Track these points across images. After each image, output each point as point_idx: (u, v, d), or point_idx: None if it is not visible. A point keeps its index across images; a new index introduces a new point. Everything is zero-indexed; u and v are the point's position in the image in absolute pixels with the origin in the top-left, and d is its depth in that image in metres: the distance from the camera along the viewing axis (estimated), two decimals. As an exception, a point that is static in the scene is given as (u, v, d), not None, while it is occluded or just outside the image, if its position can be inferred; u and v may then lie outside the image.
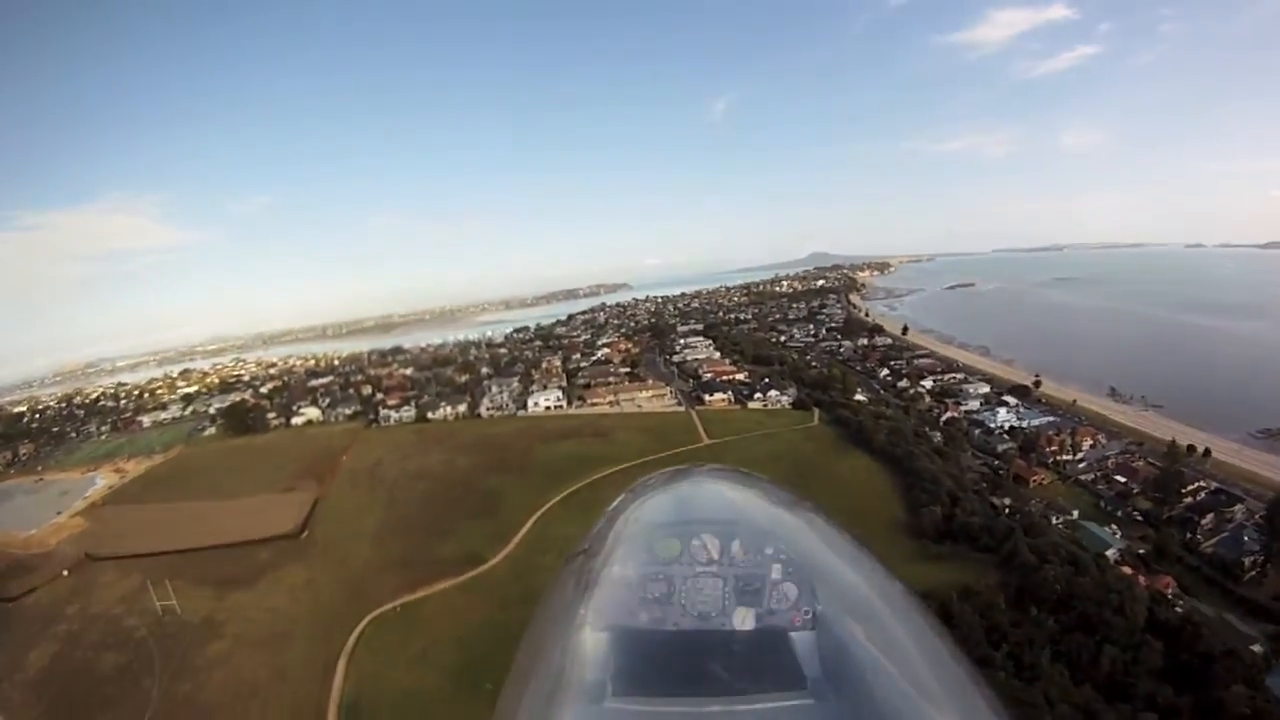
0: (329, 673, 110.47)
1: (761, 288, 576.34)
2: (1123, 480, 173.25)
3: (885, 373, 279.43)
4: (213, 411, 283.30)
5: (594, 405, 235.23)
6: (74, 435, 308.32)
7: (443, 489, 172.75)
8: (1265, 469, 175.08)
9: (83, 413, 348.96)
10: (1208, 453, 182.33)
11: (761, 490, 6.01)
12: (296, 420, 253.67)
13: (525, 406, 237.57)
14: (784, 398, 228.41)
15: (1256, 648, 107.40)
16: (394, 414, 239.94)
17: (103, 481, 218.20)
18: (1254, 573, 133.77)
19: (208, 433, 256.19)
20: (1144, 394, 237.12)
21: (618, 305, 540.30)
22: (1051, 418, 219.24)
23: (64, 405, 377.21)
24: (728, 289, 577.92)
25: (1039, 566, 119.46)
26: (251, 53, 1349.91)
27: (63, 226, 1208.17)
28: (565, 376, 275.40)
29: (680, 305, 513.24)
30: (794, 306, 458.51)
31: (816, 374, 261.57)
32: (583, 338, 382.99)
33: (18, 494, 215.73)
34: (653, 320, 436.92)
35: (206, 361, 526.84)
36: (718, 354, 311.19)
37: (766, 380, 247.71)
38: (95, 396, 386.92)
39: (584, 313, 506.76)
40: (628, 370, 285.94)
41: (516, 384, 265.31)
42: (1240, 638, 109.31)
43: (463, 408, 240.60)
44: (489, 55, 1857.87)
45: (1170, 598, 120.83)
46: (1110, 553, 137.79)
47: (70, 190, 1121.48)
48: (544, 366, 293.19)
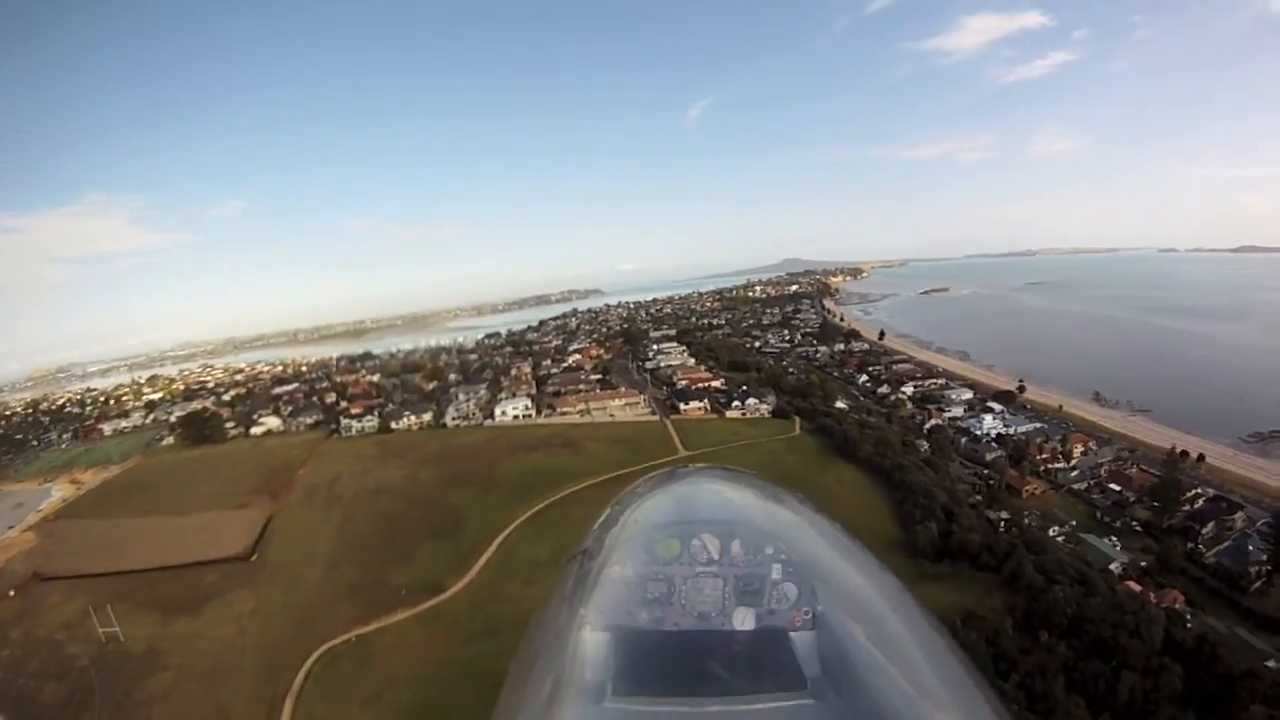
0: (275, 713, 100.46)
1: (735, 293, 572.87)
2: (1118, 489, 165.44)
3: (864, 379, 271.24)
4: (173, 420, 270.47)
5: (564, 414, 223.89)
6: (35, 444, 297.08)
7: (402, 506, 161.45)
8: (1260, 474, 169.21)
9: (48, 419, 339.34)
10: (1201, 458, 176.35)
11: (761, 490, 5.82)
12: (256, 430, 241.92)
13: (492, 415, 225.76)
14: (763, 406, 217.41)
15: (1271, 664, 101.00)
16: (356, 424, 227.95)
17: (58, 493, 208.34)
18: (1260, 584, 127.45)
19: (166, 442, 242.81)
20: (1129, 398, 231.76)
21: (590, 311, 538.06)
22: (1038, 424, 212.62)
23: (30, 411, 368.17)
24: (701, 294, 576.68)
25: (1047, 587, 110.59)
26: (230, 58, 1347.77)
27: (40, 229, 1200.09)
28: (535, 384, 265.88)
29: (653, 311, 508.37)
30: (768, 312, 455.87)
31: (795, 381, 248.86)
32: (554, 343, 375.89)
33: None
34: (625, 326, 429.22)
35: (176, 367, 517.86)
36: (692, 360, 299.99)
37: (745, 388, 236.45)
38: (62, 403, 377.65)
39: (556, 318, 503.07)
40: (599, 377, 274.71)
41: (484, 392, 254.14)
42: (1255, 654, 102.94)
43: (427, 417, 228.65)
44: (465, 62, 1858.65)
45: (1185, 615, 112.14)
46: (1113, 566, 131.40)
47: (48, 193, 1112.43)
48: (513, 373, 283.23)
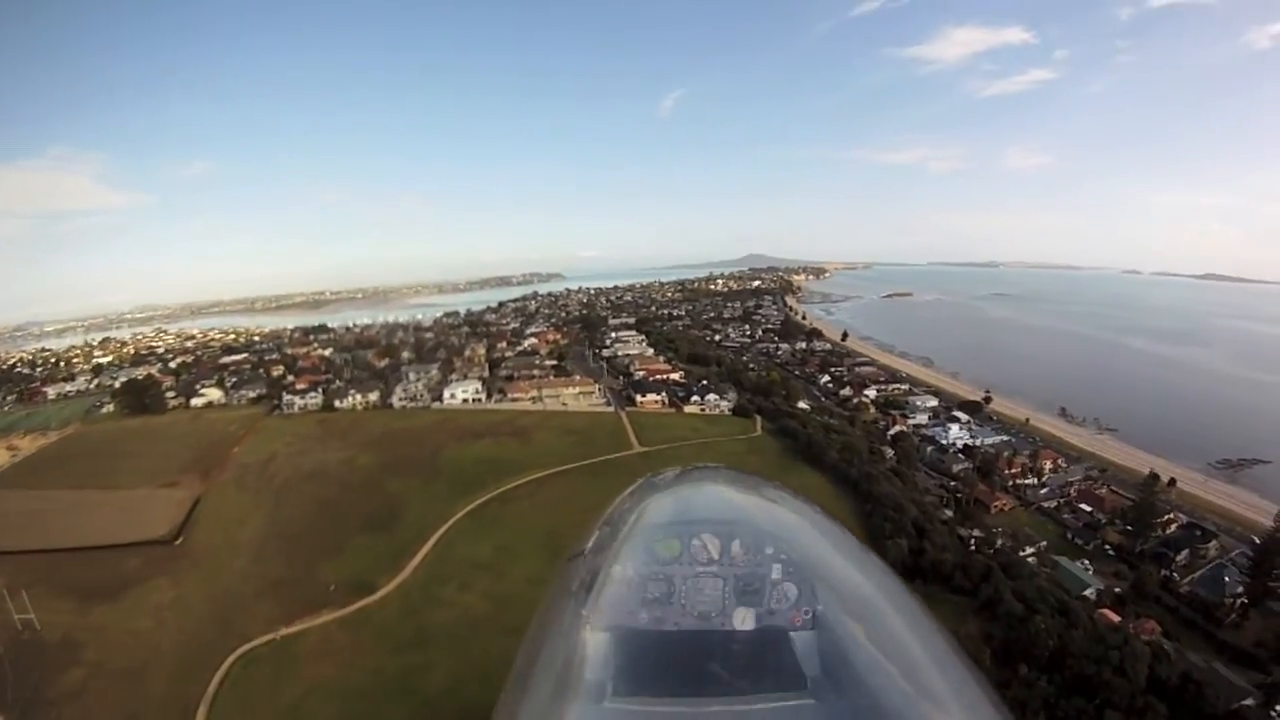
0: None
1: (696, 285, 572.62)
2: (1088, 509, 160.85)
3: (826, 379, 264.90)
4: (118, 386, 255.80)
5: (515, 400, 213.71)
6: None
7: (337, 493, 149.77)
8: (1231, 503, 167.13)
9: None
10: (1173, 483, 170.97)
11: (761, 490, 5.72)
12: (197, 401, 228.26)
13: (441, 398, 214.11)
14: (723, 403, 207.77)
15: (1250, 701, 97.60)
16: (299, 400, 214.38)
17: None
18: (1235, 616, 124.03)
19: (106, 410, 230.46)
20: (1096, 416, 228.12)
21: (550, 295, 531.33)
22: (1005, 436, 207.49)
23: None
24: (662, 284, 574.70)
25: (1027, 617, 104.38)
26: (205, 18, 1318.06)
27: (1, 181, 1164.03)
28: (488, 366, 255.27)
29: (613, 298, 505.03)
30: (729, 305, 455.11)
31: (756, 378, 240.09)
32: (511, 326, 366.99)
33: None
34: (584, 311, 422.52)
35: (131, 331, 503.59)
36: (651, 350, 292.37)
37: (704, 382, 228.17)
38: (13, 362, 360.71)
39: (516, 300, 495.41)
40: (554, 363, 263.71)
41: (435, 372, 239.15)
42: (1235, 691, 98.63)
43: (374, 396, 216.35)
44: (438, 40, 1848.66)
45: (1169, 651, 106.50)
46: (1088, 592, 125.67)
47: (10, 145, 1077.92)
48: (467, 355, 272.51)
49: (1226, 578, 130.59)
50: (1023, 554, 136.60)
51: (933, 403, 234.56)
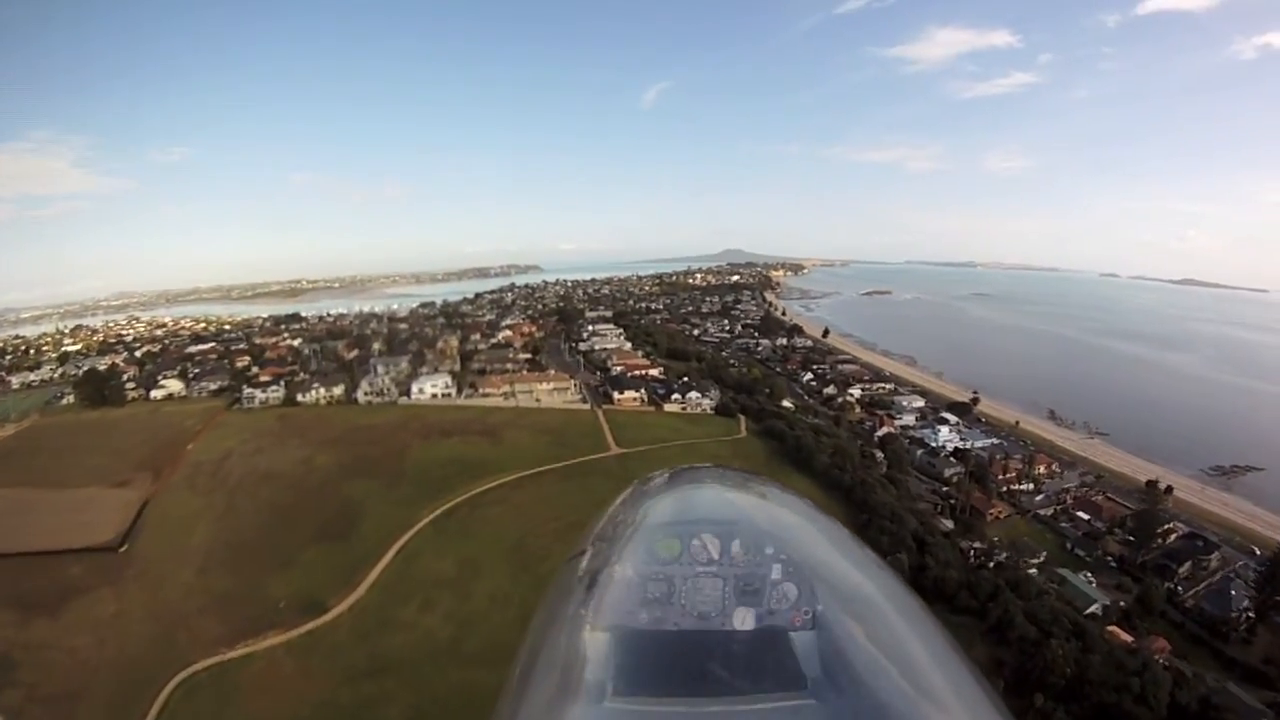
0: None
1: (674, 279, 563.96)
2: (1086, 518, 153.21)
3: (809, 377, 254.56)
4: (78, 376, 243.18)
5: (486, 395, 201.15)
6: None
7: (293, 497, 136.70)
8: (1228, 512, 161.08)
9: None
10: (1170, 491, 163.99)
11: (761, 490, 5.68)
12: (157, 393, 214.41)
13: (409, 393, 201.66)
14: (705, 401, 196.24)
15: None
16: (260, 394, 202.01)
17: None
18: (1242, 631, 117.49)
19: (66, 401, 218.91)
20: (1085, 419, 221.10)
21: (527, 286, 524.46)
22: (995, 439, 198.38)
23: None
24: (640, 278, 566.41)
25: (1041, 641, 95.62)
26: (189, 3, 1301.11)
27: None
28: (460, 360, 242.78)
29: (591, 291, 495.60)
30: (708, 300, 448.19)
31: (738, 374, 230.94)
32: (487, 318, 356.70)
33: None
34: (561, 304, 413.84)
35: (105, 318, 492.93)
36: (629, 345, 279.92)
37: (686, 379, 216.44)
38: None
39: (492, 292, 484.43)
40: (529, 357, 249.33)
41: (405, 365, 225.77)
42: (1250, 713, 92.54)
43: (338, 390, 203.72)
44: (417, 29, 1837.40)
45: (1187, 675, 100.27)
46: (1094, 608, 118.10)
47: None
48: (439, 347, 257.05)
49: (1233, 591, 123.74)
50: (1023, 565, 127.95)
51: (919, 403, 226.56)
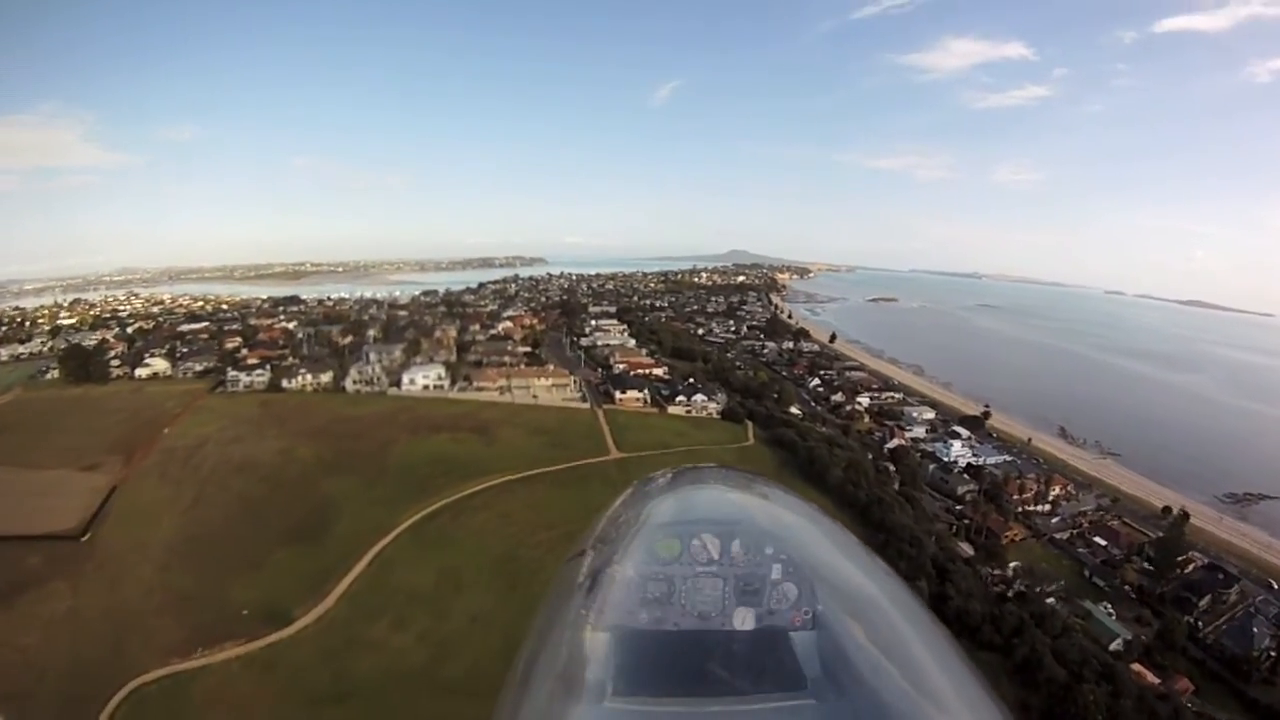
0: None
1: (680, 277, 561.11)
2: (1103, 543, 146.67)
3: (815, 383, 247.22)
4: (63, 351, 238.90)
5: (481, 389, 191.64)
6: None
7: (266, 491, 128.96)
8: (1245, 542, 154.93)
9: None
10: (1186, 517, 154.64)
11: (761, 490, 5.58)
12: (142, 372, 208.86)
13: (399, 383, 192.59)
14: (711, 404, 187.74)
15: None
16: (245, 377, 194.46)
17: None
18: (1264, 670, 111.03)
19: (50, 376, 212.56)
20: (1097, 438, 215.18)
21: (531, 278, 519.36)
22: (1007, 456, 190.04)
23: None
24: (645, 274, 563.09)
25: (1071, 684, 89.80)
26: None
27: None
28: (456, 350, 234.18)
29: (595, 285, 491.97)
30: (713, 300, 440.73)
31: (744, 377, 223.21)
32: (489, 308, 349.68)
33: None
34: (565, 297, 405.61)
35: (106, 293, 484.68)
36: (633, 342, 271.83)
37: (691, 380, 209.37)
38: None
39: (496, 282, 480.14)
40: (528, 350, 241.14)
41: (399, 354, 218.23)
42: None
43: (326, 377, 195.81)
44: (431, 16, 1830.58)
45: None
46: (1115, 643, 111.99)
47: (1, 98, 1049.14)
48: (436, 336, 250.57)
49: (1255, 629, 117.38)
50: (1042, 595, 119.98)
51: (929, 415, 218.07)
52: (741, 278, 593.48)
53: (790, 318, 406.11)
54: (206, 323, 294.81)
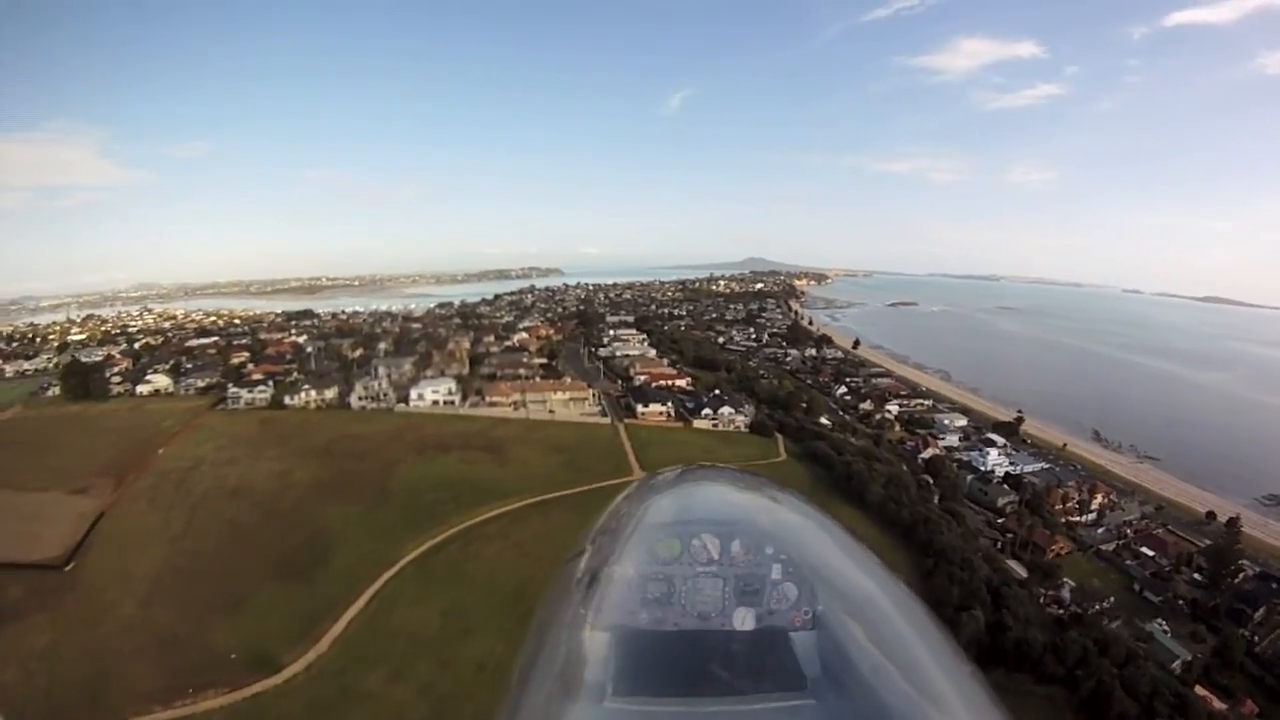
0: None
1: (697, 285, 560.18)
2: (1151, 554, 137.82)
3: (842, 390, 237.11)
4: (65, 367, 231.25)
5: (494, 404, 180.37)
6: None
7: (260, 519, 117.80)
8: None
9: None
10: (1232, 523, 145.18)
11: (762, 490, 5.32)
12: (143, 388, 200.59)
13: (407, 398, 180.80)
14: (739, 416, 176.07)
15: None
16: (246, 394, 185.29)
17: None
18: None
19: (51, 393, 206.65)
20: (1132, 442, 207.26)
21: (547, 289, 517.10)
22: (1044, 464, 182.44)
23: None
24: (662, 283, 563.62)
25: (1144, 718, 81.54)
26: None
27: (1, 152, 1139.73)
28: (469, 363, 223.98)
29: (612, 295, 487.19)
30: (732, 307, 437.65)
31: (770, 386, 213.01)
32: (505, 319, 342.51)
33: None
34: (582, 307, 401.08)
35: (120, 309, 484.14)
36: (653, 352, 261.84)
37: (717, 392, 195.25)
38: None
39: (512, 294, 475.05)
40: (544, 361, 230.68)
41: (409, 367, 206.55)
42: None
43: (330, 393, 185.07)
44: (444, 28, 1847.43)
45: None
46: (1175, 663, 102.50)
47: (11, 116, 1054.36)
48: (448, 349, 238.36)
49: None
50: (1099, 613, 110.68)
51: (961, 422, 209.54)
52: (760, 285, 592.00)
53: (811, 324, 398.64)
54: (216, 338, 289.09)
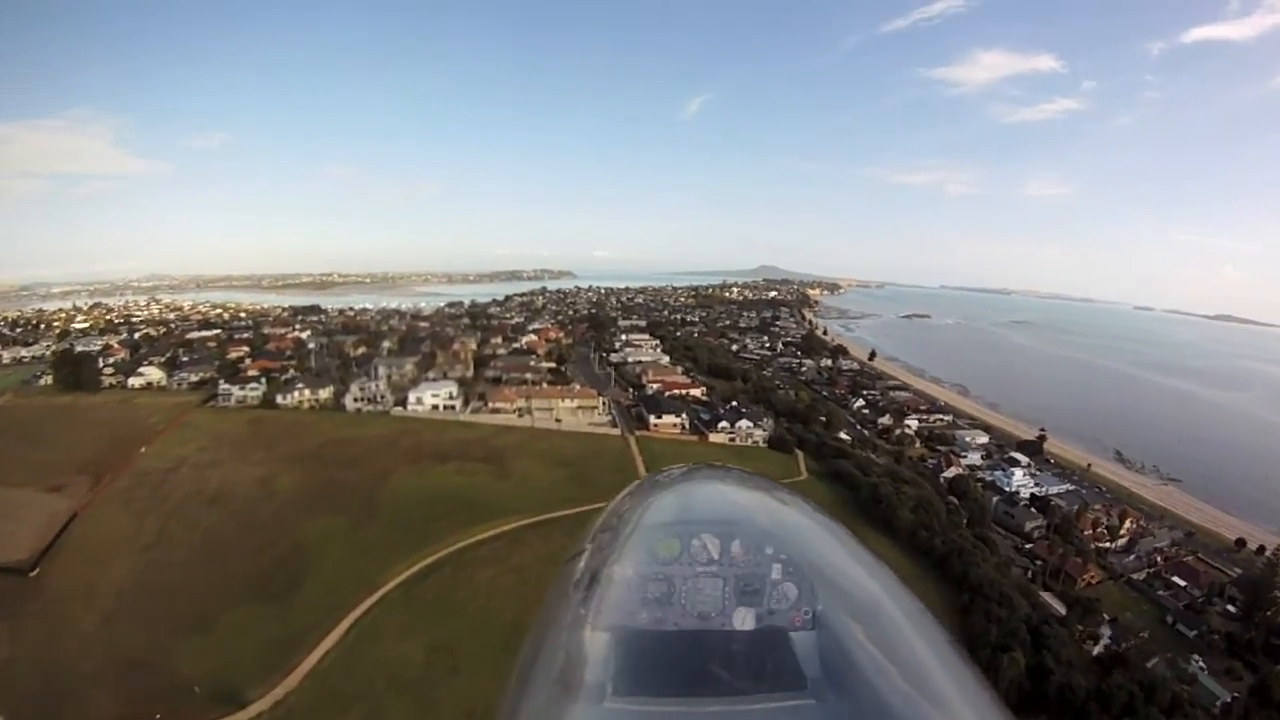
0: None
1: (710, 291, 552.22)
2: (1183, 584, 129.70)
3: (860, 404, 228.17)
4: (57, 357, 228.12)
5: (497, 410, 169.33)
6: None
7: (236, 530, 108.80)
8: None
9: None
10: (1261, 552, 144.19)
11: (762, 490, 5.16)
12: (135, 381, 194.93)
13: (405, 402, 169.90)
14: (758, 431, 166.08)
15: None
16: (238, 391, 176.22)
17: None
18: None
19: (44, 381, 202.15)
20: (1152, 461, 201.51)
21: (559, 291, 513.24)
22: (1068, 485, 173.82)
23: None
24: (675, 289, 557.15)
25: None
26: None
27: (14, 139, 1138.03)
28: (474, 365, 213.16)
29: (624, 299, 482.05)
30: (745, 315, 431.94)
31: (787, 398, 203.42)
32: (514, 320, 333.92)
33: None
34: (593, 310, 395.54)
35: (129, 298, 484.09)
36: (666, 358, 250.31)
37: (734, 404, 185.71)
38: None
39: (523, 295, 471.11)
40: (552, 366, 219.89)
41: (411, 368, 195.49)
42: None
43: (325, 394, 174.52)
44: (466, 30, 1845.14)
45: None
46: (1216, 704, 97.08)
47: (29, 102, 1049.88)
48: (454, 349, 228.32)
49: None
50: (1140, 649, 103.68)
51: (983, 439, 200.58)
52: (773, 293, 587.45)
53: (825, 334, 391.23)
54: (218, 330, 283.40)
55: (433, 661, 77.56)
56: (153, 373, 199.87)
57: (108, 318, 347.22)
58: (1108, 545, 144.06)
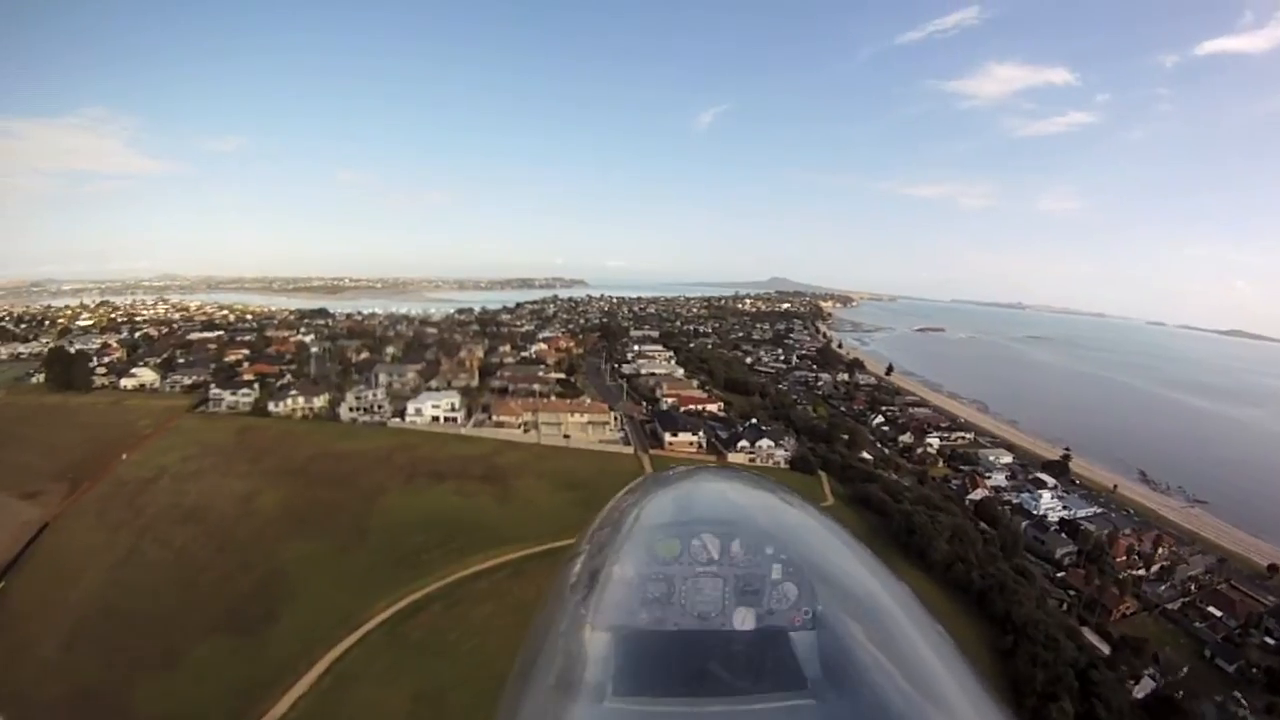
0: None
1: (723, 303, 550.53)
2: (1218, 614, 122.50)
3: (879, 420, 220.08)
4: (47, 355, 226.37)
5: (501, 423, 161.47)
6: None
7: (211, 553, 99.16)
8: None
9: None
10: None
11: (762, 490, 5.33)
12: (127, 382, 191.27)
13: (403, 413, 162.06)
14: (779, 450, 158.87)
15: None
16: (228, 396, 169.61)
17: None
18: None
19: (36, 379, 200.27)
20: (1176, 481, 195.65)
21: (570, 299, 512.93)
22: (1096, 508, 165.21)
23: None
24: (687, 299, 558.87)
25: None
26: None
27: (29, 136, 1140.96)
28: (479, 374, 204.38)
29: (636, 309, 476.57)
30: (758, 327, 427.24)
31: (805, 414, 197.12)
32: (525, 328, 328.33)
33: None
34: (605, 320, 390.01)
35: (138, 297, 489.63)
36: (680, 371, 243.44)
37: (753, 421, 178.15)
38: (1, 317, 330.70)
39: (534, 303, 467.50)
40: (561, 377, 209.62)
41: (412, 375, 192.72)
42: None
43: (319, 402, 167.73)
44: (482, 35, 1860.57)
45: None
46: None
47: (44, 100, 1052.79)
48: (459, 357, 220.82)
49: None
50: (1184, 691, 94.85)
51: (1006, 459, 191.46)
52: (786, 305, 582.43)
53: (840, 347, 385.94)
54: (220, 332, 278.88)
55: (418, 713, 67.79)
56: (146, 374, 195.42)
57: (111, 316, 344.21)
58: (1140, 573, 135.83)
